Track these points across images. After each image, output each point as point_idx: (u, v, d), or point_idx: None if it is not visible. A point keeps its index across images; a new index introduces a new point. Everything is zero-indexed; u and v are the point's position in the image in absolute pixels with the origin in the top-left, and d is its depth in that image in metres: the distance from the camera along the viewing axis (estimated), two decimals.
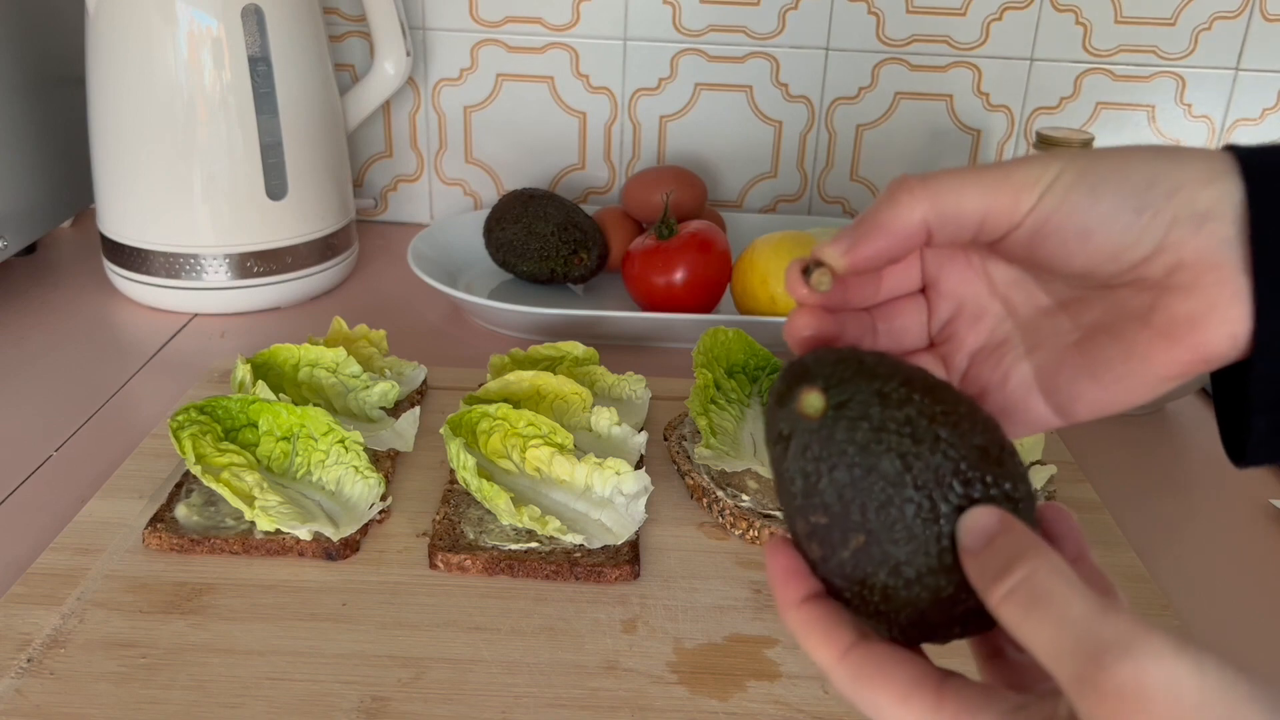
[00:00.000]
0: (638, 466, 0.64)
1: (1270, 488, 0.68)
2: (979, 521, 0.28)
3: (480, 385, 0.69)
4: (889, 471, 0.28)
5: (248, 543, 0.57)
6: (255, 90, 0.84)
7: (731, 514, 0.60)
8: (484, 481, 0.57)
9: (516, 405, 0.65)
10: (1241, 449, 0.32)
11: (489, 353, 0.74)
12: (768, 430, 0.31)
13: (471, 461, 0.58)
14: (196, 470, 0.58)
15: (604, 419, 0.66)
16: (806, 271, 0.32)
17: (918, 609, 0.29)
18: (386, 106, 1.06)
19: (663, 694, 0.48)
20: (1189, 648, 0.24)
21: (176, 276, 0.86)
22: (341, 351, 0.70)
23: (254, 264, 0.87)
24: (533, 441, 0.62)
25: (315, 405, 0.63)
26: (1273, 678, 0.23)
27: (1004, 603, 0.26)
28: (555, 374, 0.68)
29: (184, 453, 0.58)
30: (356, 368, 0.70)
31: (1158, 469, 0.70)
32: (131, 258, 0.87)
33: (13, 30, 0.88)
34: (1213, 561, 0.61)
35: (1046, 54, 1.01)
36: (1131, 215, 0.30)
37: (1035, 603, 0.26)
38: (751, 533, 0.59)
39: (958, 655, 0.31)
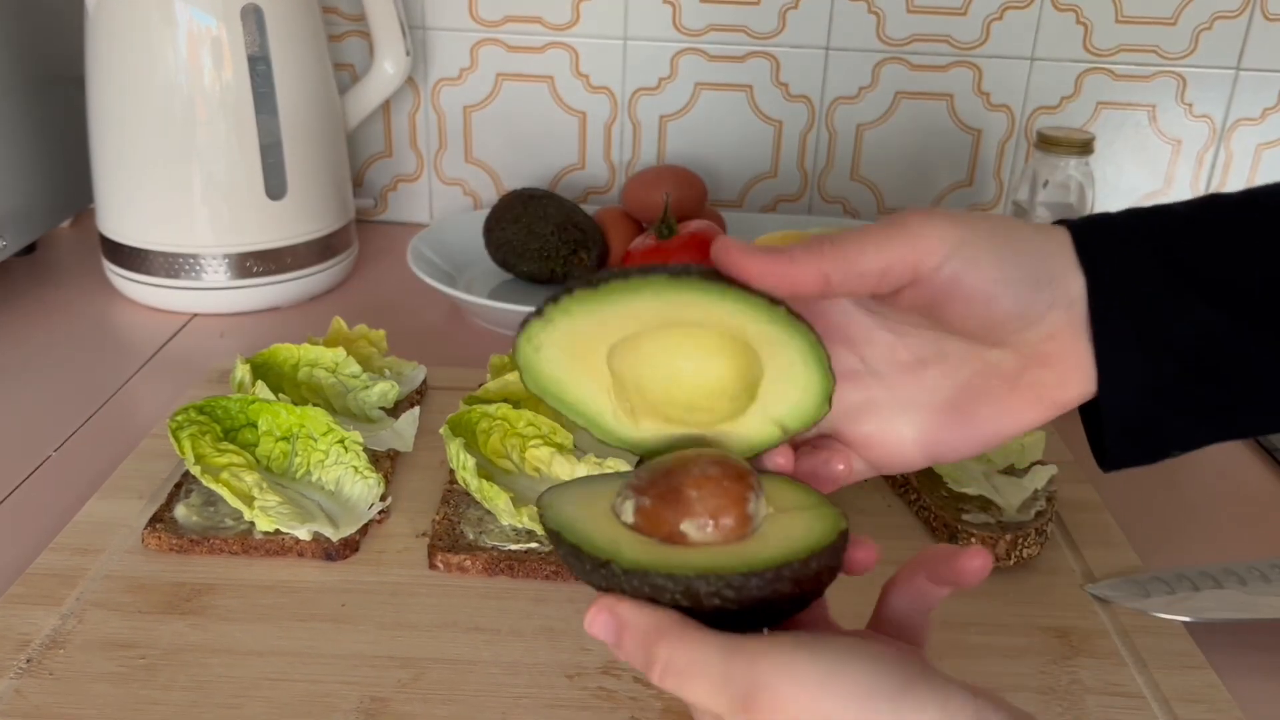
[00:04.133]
0: (637, 466, 0.64)
1: (1271, 489, 0.68)
2: (595, 628, 0.33)
3: (480, 385, 0.69)
4: None
5: (247, 543, 0.56)
6: (255, 90, 0.84)
7: None
8: (484, 482, 0.57)
9: (516, 405, 0.65)
10: (1103, 460, 0.40)
11: (489, 353, 0.74)
12: None
13: (471, 461, 0.58)
14: (196, 470, 0.58)
15: None
16: None
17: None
18: (386, 106, 1.06)
19: (661, 695, 0.48)
20: (807, 643, 0.30)
21: (176, 276, 0.86)
22: (341, 351, 0.70)
23: (253, 264, 0.87)
24: (532, 441, 0.61)
25: (315, 405, 0.63)
26: (1272, 675, 0.23)
27: (663, 683, 0.32)
28: None
29: (183, 453, 0.58)
30: (356, 368, 0.70)
31: (1158, 469, 0.70)
32: (131, 258, 0.87)
33: (12, 30, 0.87)
34: (1213, 562, 0.61)
35: (1047, 53, 1.01)
36: (1031, 291, 0.36)
37: (681, 678, 0.31)
38: None
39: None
